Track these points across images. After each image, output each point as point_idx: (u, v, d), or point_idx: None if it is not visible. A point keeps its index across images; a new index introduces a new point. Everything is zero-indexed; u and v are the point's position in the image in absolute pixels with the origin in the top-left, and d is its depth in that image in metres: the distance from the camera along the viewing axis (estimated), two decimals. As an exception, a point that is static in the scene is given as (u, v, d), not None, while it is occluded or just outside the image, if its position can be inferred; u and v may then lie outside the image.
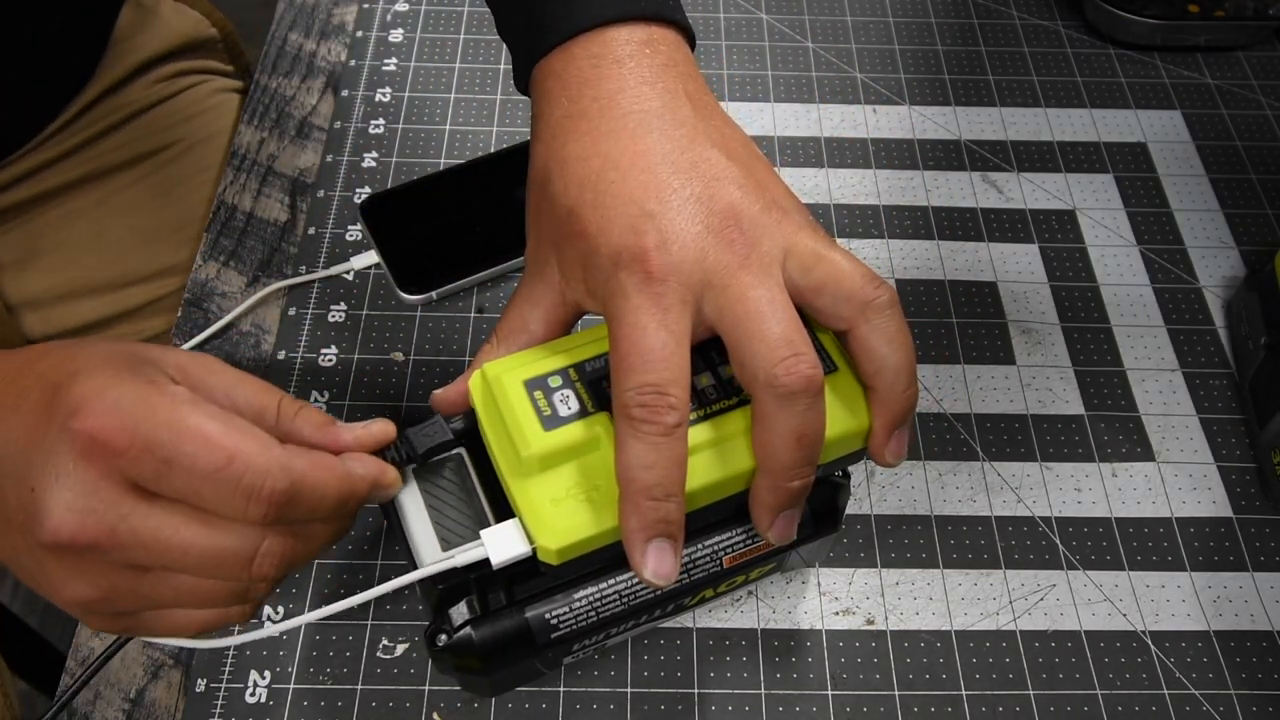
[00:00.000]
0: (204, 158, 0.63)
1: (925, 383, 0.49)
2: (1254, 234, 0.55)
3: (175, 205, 0.61)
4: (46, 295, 0.59)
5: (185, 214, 0.61)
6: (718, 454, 0.33)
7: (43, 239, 0.59)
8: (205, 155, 0.63)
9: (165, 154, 0.62)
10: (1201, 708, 0.41)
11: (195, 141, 0.63)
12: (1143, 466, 0.47)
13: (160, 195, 0.61)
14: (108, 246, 0.60)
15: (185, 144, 0.62)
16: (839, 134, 0.58)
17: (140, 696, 0.41)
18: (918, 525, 0.45)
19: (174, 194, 0.62)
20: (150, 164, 0.61)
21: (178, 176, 0.62)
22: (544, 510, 0.32)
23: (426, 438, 0.34)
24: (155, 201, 0.61)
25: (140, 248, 0.61)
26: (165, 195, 0.61)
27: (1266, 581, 0.44)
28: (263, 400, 0.31)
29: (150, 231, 0.61)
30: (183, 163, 0.62)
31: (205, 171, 0.63)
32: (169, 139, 0.62)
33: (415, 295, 0.50)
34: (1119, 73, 0.62)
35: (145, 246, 0.61)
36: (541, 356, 0.34)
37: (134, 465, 0.28)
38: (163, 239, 0.61)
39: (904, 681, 0.41)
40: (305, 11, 0.64)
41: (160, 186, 0.61)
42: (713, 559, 0.36)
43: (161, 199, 0.61)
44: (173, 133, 0.62)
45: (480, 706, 0.40)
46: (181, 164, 0.62)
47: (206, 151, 0.63)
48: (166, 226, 0.61)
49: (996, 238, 0.54)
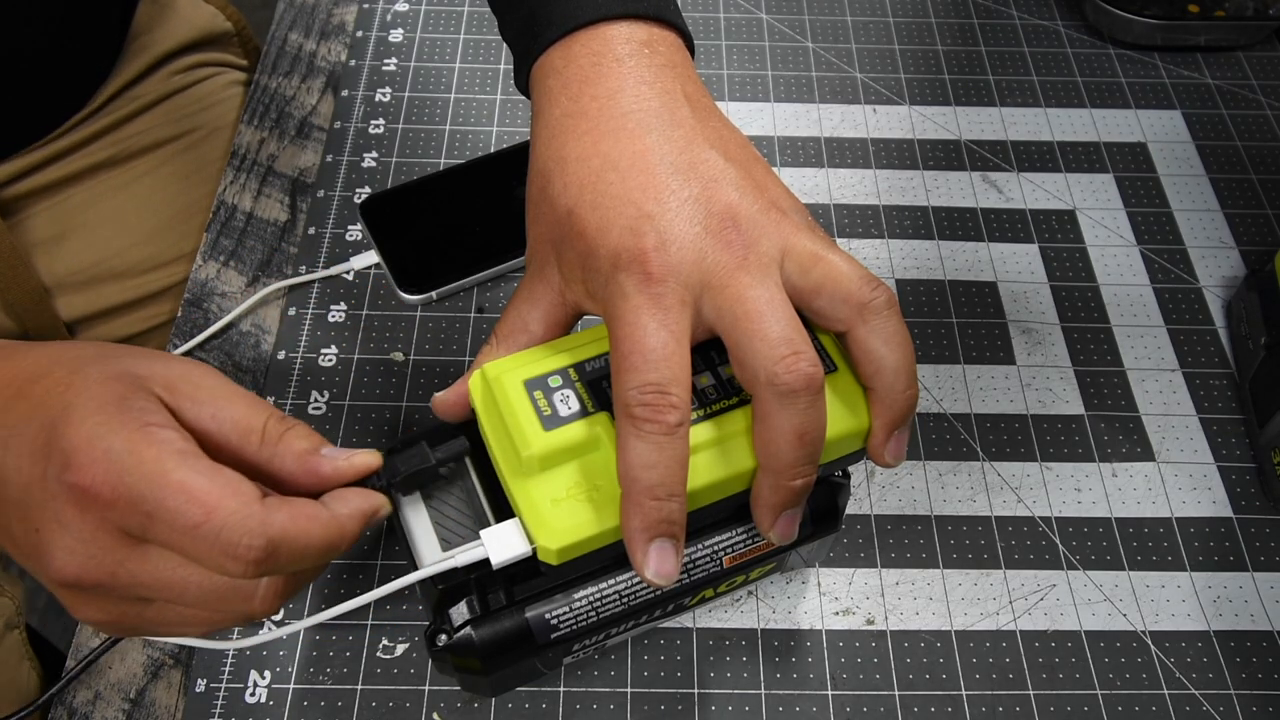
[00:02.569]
0: (219, 146, 0.64)
1: (925, 383, 0.49)
2: (1254, 234, 0.55)
3: (193, 191, 0.63)
4: (77, 278, 0.60)
5: (201, 201, 0.63)
6: (718, 454, 0.33)
7: (71, 220, 0.60)
8: (220, 144, 0.64)
9: (181, 142, 0.63)
10: (1201, 708, 0.41)
11: (211, 130, 0.64)
12: (1143, 466, 0.47)
13: (179, 180, 0.63)
14: (130, 230, 0.61)
15: (201, 133, 0.64)
16: (839, 134, 0.58)
17: (140, 696, 0.41)
18: (918, 525, 0.45)
19: (191, 180, 0.63)
20: (169, 150, 0.63)
21: (195, 164, 0.63)
22: (544, 510, 0.32)
23: (406, 463, 0.33)
24: (174, 187, 0.62)
25: (161, 232, 0.62)
26: (184, 180, 0.63)
27: (1266, 581, 0.44)
28: (249, 420, 0.31)
29: (170, 217, 0.62)
30: (199, 151, 0.64)
31: (220, 161, 0.64)
32: (186, 127, 0.63)
33: (415, 295, 0.50)
34: (1119, 73, 0.62)
35: (166, 231, 0.62)
36: (541, 356, 0.34)
37: (122, 517, 0.28)
38: (180, 224, 0.62)
39: (904, 681, 0.41)
40: (305, 11, 0.64)
41: (179, 173, 0.63)
42: (713, 559, 0.36)
43: (180, 184, 0.63)
44: (190, 121, 0.64)
45: (480, 706, 0.40)
46: (198, 152, 0.64)
47: (220, 141, 0.64)
48: (185, 212, 0.62)
49: (996, 238, 0.54)
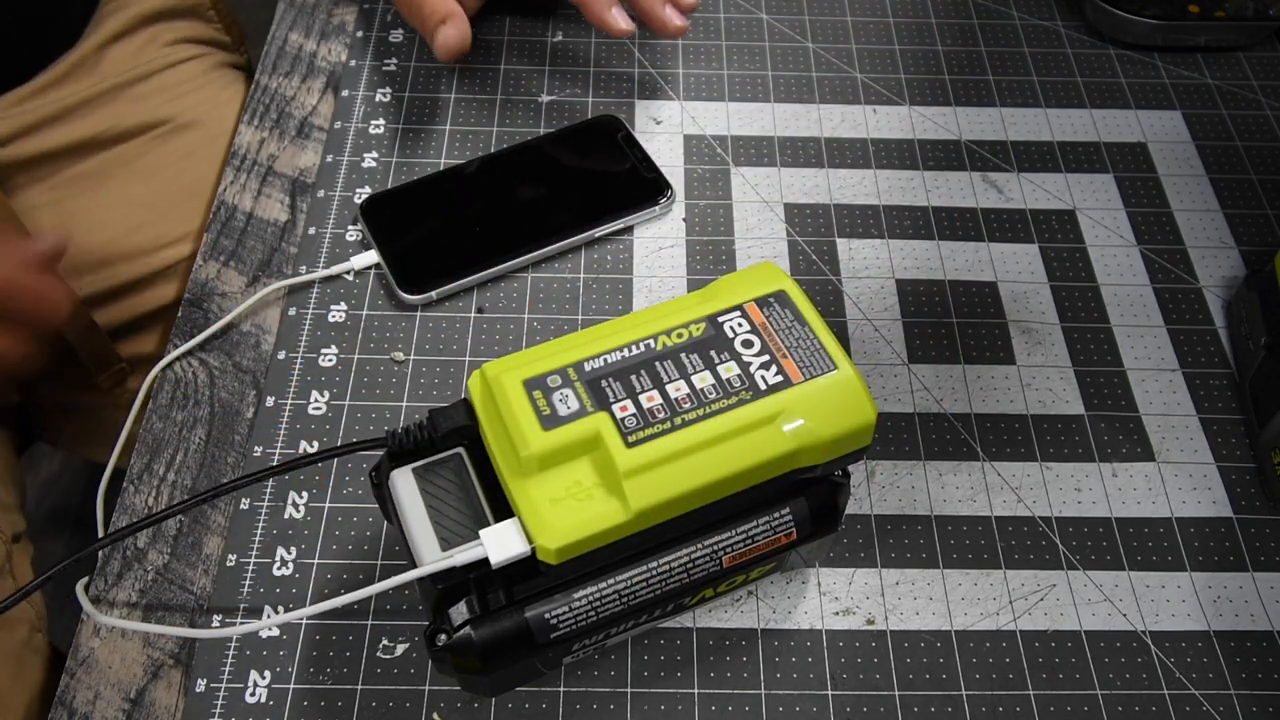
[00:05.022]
0: (209, 129, 0.65)
1: (925, 382, 0.49)
2: (1254, 234, 0.55)
3: (190, 173, 0.64)
4: (86, 261, 0.61)
5: (198, 183, 0.63)
6: (718, 453, 0.33)
7: (72, 203, 0.62)
8: (210, 128, 0.65)
9: (165, 128, 0.65)
10: (1201, 708, 0.41)
11: (195, 117, 0.65)
12: (1143, 466, 0.47)
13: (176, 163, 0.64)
14: (127, 216, 0.62)
15: (184, 119, 0.65)
16: (839, 134, 0.58)
17: (140, 696, 0.41)
18: (918, 525, 0.45)
19: (185, 164, 0.64)
20: (156, 136, 0.64)
21: (183, 149, 0.65)
22: (543, 510, 0.32)
23: (448, 419, 0.35)
24: (170, 170, 0.64)
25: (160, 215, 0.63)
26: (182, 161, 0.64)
27: (1266, 581, 0.44)
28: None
29: (168, 198, 0.63)
30: (185, 136, 0.65)
31: (211, 144, 0.65)
32: (170, 113, 0.65)
33: (415, 295, 0.50)
34: (1119, 73, 0.62)
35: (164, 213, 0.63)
36: (541, 356, 0.34)
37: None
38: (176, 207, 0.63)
39: (904, 681, 0.41)
40: (305, 11, 0.64)
41: (170, 156, 0.64)
42: (713, 559, 0.36)
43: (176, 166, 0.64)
44: (174, 105, 0.65)
45: (480, 706, 0.40)
46: (185, 137, 0.65)
47: (210, 126, 0.65)
48: (180, 195, 0.63)
49: (996, 238, 0.54)
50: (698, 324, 0.36)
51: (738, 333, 0.35)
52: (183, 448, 0.47)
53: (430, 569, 0.33)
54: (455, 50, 0.52)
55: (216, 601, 0.42)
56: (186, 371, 0.49)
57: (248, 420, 0.47)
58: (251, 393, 0.48)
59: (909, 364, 0.49)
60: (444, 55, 0.52)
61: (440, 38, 0.52)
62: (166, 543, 0.44)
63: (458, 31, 0.52)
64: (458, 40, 0.52)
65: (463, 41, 0.52)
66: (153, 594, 0.43)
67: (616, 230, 0.53)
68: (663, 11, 0.52)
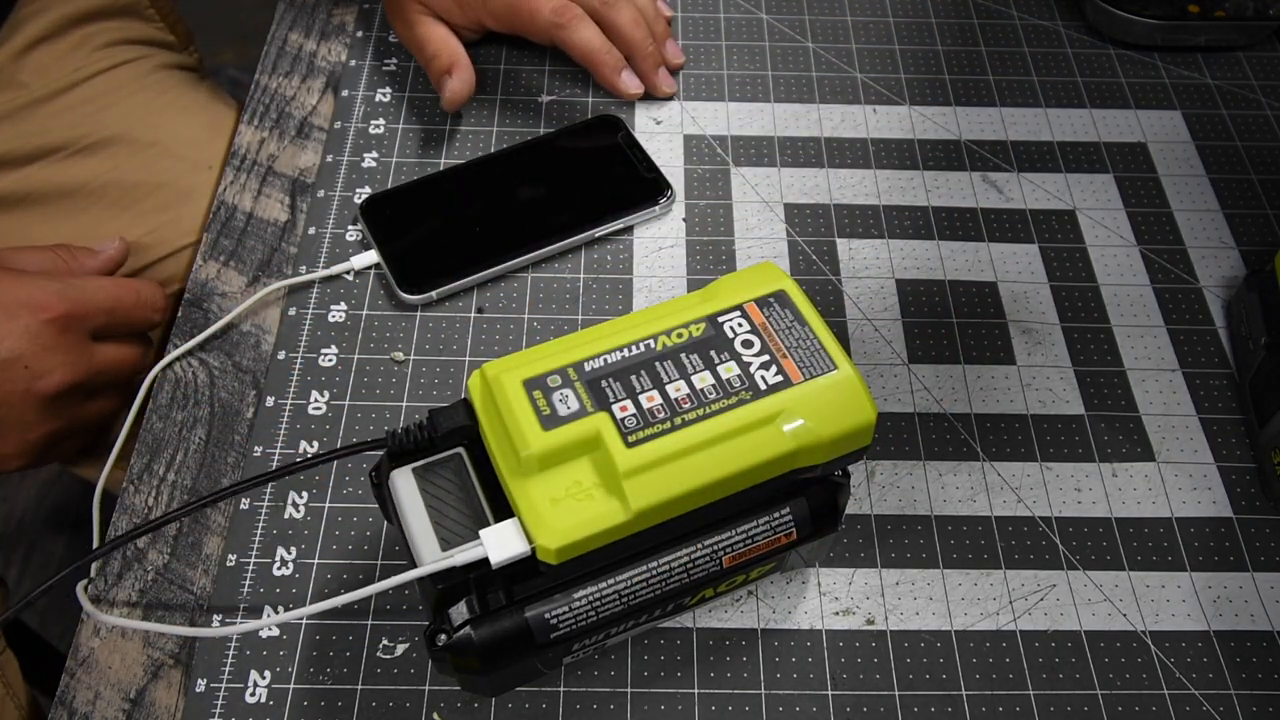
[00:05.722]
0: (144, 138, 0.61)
1: (925, 382, 0.49)
2: (1254, 234, 0.55)
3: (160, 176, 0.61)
4: None
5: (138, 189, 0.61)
6: (718, 453, 0.33)
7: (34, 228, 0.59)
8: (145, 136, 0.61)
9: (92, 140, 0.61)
10: (1201, 708, 0.41)
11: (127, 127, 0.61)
12: (1143, 466, 0.47)
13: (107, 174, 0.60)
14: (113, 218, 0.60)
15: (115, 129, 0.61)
16: (839, 134, 0.58)
17: (140, 696, 0.41)
18: (918, 525, 0.45)
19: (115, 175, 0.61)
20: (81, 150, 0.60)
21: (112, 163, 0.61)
22: (543, 510, 0.32)
23: (448, 418, 0.35)
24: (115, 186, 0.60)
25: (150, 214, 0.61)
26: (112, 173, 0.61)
27: (1266, 581, 0.44)
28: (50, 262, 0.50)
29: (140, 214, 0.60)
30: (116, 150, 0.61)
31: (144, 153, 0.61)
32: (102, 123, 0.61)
33: (415, 295, 0.50)
34: (1119, 73, 0.62)
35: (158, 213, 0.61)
36: (541, 356, 0.34)
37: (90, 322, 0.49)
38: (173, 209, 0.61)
39: (904, 681, 0.41)
40: (305, 11, 0.64)
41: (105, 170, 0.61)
42: (712, 559, 0.36)
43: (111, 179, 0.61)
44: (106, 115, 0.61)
45: (480, 706, 0.40)
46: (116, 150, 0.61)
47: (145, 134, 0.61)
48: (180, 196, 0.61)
49: (996, 238, 0.54)
50: (698, 324, 0.36)
51: (738, 333, 0.35)
52: (183, 448, 0.47)
53: (430, 569, 0.32)
54: (461, 103, 0.55)
55: (216, 601, 0.42)
56: (186, 371, 0.49)
57: (248, 420, 0.47)
58: (251, 393, 0.48)
59: (909, 364, 0.49)
60: (450, 108, 0.55)
61: (448, 92, 0.55)
62: (166, 543, 0.44)
63: (463, 85, 0.55)
64: (464, 93, 0.55)
65: (469, 93, 0.55)
66: (153, 594, 0.43)
67: (616, 230, 0.53)
68: (657, 78, 0.58)
